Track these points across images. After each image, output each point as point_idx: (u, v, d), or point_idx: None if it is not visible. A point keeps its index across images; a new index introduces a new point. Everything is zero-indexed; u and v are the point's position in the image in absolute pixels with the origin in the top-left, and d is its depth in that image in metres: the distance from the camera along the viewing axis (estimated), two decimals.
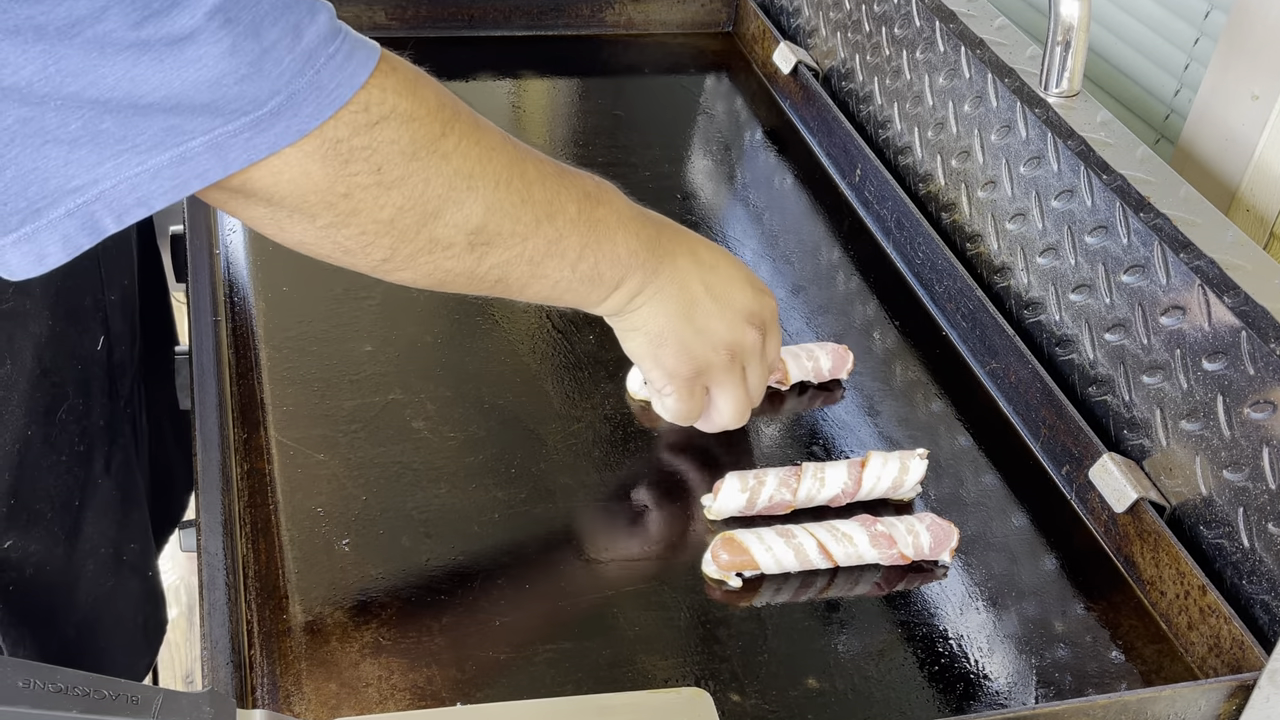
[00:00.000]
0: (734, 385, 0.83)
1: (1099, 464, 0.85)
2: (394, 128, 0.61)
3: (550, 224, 0.71)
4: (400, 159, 0.62)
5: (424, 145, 0.63)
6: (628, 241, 0.75)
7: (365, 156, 0.61)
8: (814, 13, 1.34)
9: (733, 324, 0.80)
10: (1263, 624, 0.76)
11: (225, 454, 0.81)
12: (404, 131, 0.62)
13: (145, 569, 1.00)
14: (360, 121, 0.60)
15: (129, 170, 0.54)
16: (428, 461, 0.84)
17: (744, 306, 0.81)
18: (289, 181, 0.59)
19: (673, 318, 0.79)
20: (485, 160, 0.67)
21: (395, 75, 0.62)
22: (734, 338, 0.81)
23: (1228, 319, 0.79)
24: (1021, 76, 1.02)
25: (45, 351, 0.83)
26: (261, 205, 0.61)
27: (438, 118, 0.64)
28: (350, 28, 0.61)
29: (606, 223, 0.74)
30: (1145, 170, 0.91)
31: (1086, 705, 0.69)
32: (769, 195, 1.18)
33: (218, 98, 0.54)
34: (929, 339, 1.02)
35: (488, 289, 0.72)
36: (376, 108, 0.60)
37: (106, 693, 0.53)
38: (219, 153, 0.56)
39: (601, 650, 0.74)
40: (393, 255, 0.66)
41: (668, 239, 0.78)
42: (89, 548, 0.91)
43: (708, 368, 0.81)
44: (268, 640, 0.72)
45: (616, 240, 0.75)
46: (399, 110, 0.61)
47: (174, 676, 1.78)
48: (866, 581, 0.80)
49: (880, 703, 0.72)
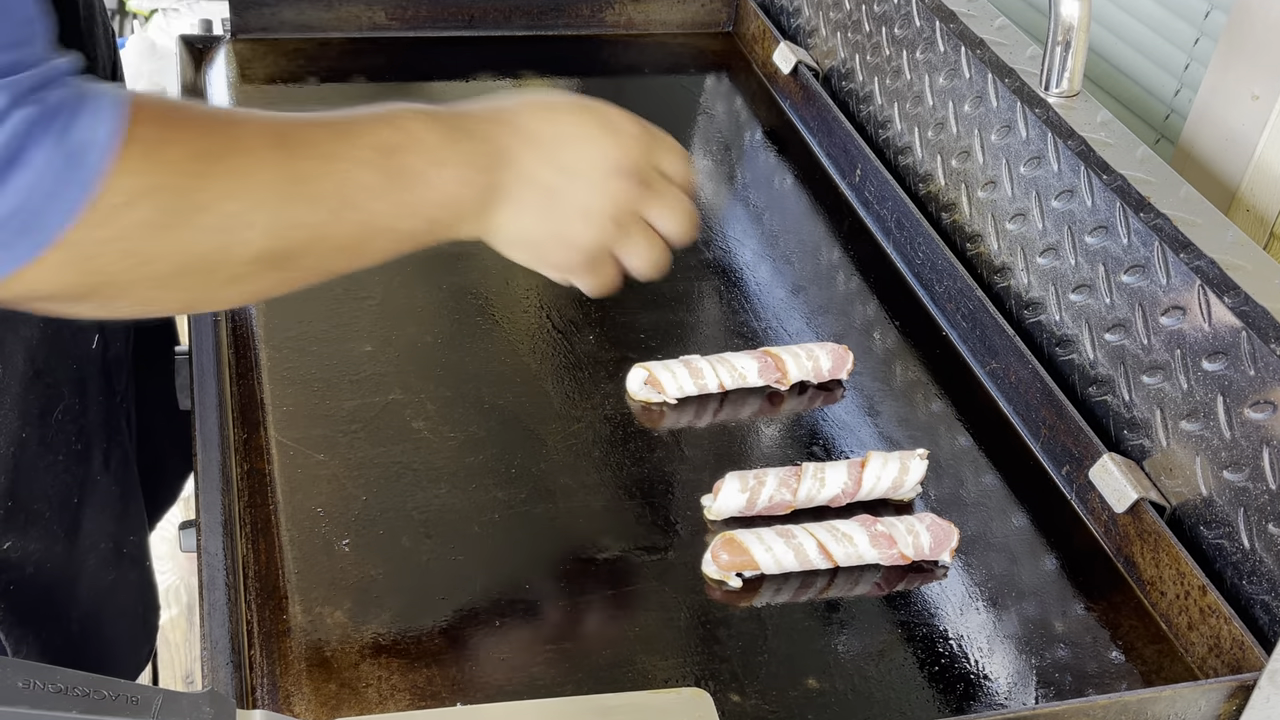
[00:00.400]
0: (634, 245, 0.76)
1: (1099, 464, 0.85)
2: (138, 209, 0.57)
3: (350, 210, 0.65)
4: (153, 234, 0.58)
5: (176, 212, 0.59)
6: (449, 176, 0.69)
7: (113, 245, 0.57)
8: (814, 13, 1.34)
9: (604, 191, 0.73)
10: (1263, 624, 0.76)
11: (225, 454, 0.81)
12: (151, 207, 0.58)
13: (143, 559, 1.00)
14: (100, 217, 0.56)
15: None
16: (428, 461, 0.84)
17: (607, 164, 0.73)
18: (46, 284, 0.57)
19: (539, 219, 0.72)
20: (253, 189, 0.62)
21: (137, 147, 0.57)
22: (610, 204, 0.73)
23: (1228, 319, 0.79)
24: (1022, 76, 1.02)
25: (38, 353, 0.83)
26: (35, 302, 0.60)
27: (187, 173, 0.59)
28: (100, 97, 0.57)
29: (416, 169, 0.67)
30: (1145, 170, 0.91)
31: (1087, 705, 0.69)
32: (769, 195, 1.18)
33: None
34: (929, 339, 1.02)
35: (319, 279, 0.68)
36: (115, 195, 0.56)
37: (106, 693, 0.53)
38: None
39: (601, 650, 0.74)
40: (194, 302, 0.65)
41: (496, 141, 0.71)
42: (89, 543, 0.91)
43: (599, 246, 0.75)
44: (268, 640, 0.72)
45: (433, 182, 0.68)
46: (140, 188, 0.57)
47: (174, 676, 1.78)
48: (866, 582, 0.80)
49: (880, 703, 0.72)
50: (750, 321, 1.01)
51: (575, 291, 0.77)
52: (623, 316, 0.98)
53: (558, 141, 0.72)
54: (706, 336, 0.99)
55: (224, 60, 1.26)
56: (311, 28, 1.32)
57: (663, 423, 0.89)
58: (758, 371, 0.93)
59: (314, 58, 1.29)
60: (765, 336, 1.00)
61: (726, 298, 1.03)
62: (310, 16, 1.32)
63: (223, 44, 1.28)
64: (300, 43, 1.31)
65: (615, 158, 0.73)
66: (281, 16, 1.31)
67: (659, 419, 0.90)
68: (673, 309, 1.01)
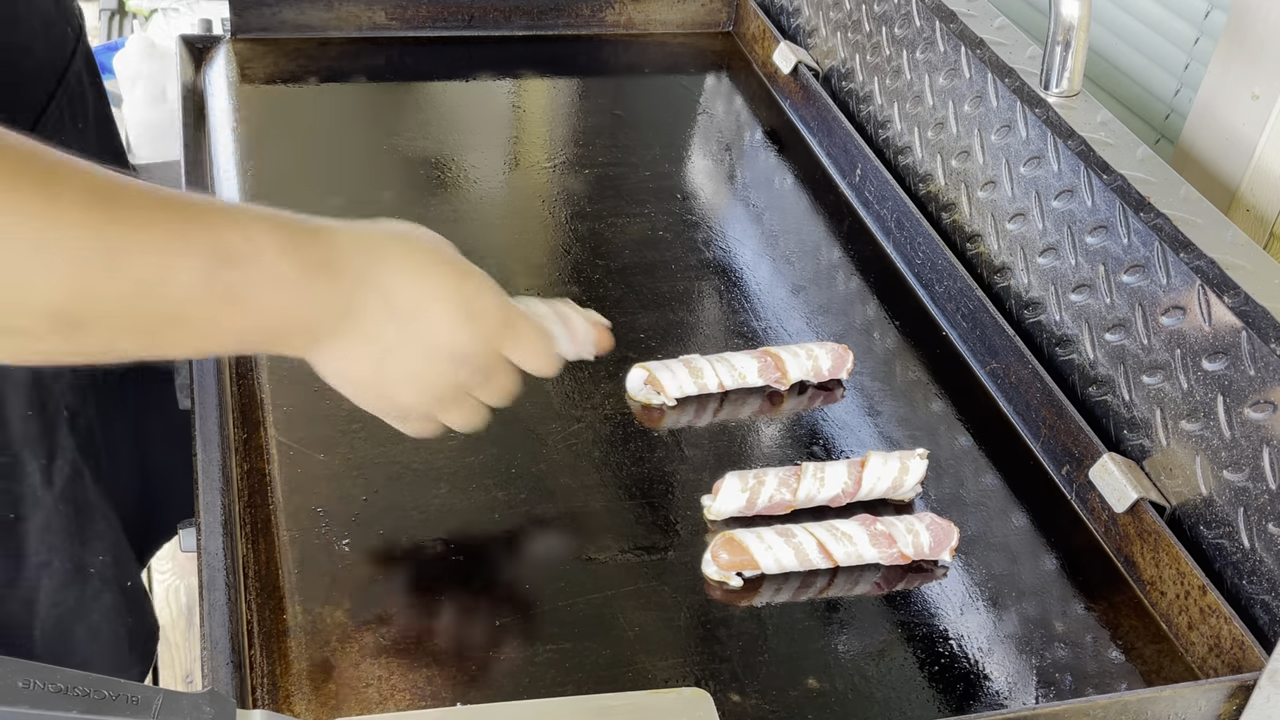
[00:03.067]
0: (454, 415, 0.75)
1: (1099, 464, 0.85)
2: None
3: (161, 299, 0.60)
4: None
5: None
6: (283, 305, 0.65)
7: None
8: (814, 12, 1.34)
9: (440, 372, 0.71)
10: (1263, 624, 0.76)
11: (225, 454, 0.81)
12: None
13: (122, 579, 0.97)
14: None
15: None
16: (428, 461, 0.84)
17: (453, 351, 0.71)
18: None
19: (363, 370, 0.70)
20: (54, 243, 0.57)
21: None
22: (442, 384, 0.72)
23: (1228, 319, 0.79)
24: (1021, 76, 1.02)
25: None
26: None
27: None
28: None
29: (243, 290, 0.63)
30: (1145, 170, 0.91)
31: (1087, 705, 0.69)
32: (769, 195, 1.18)
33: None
34: (929, 339, 1.02)
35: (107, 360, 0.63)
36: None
37: (106, 693, 0.53)
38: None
39: (601, 650, 0.74)
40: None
41: (349, 288, 0.67)
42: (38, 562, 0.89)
43: (420, 412, 0.74)
44: (268, 640, 0.72)
45: (265, 307, 0.64)
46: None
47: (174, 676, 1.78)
48: (866, 581, 0.80)
49: (880, 703, 0.72)
50: (750, 321, 1.01)
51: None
52: (623, 316, 0.98)
53: (411, 308, 0.69)
54: (706, 336, 0.99)
55: (224, 60, 1.26)
56: (311, 28, 1.32)
57: (663, 423, 0.89)
58: (758, 371, 0.93)
59: (314, 58, 1.29)
60: (765, 336, 1.00)
61: (726, 298, 1.03)
62: (310, 16, 1.32)
63: (222, 44, 1.28)
64: (300, 42, 1.31)
65: (460, 344, 0.71)
66: (281, 16, 1.31)
67: (659, 419, 0.90)
68: (673, 309, 1.01)
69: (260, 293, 0.64)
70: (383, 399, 0.73)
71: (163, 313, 0.61)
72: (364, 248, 0.68)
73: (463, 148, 1.19)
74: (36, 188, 0.56)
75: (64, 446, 0.92)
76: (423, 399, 0.72)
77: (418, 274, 0.70)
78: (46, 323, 0.58)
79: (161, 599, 1.84)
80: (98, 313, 0.59)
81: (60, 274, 0.57)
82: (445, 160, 1.17)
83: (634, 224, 1.11)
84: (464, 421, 0.76)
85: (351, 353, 0.69)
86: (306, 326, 0.67)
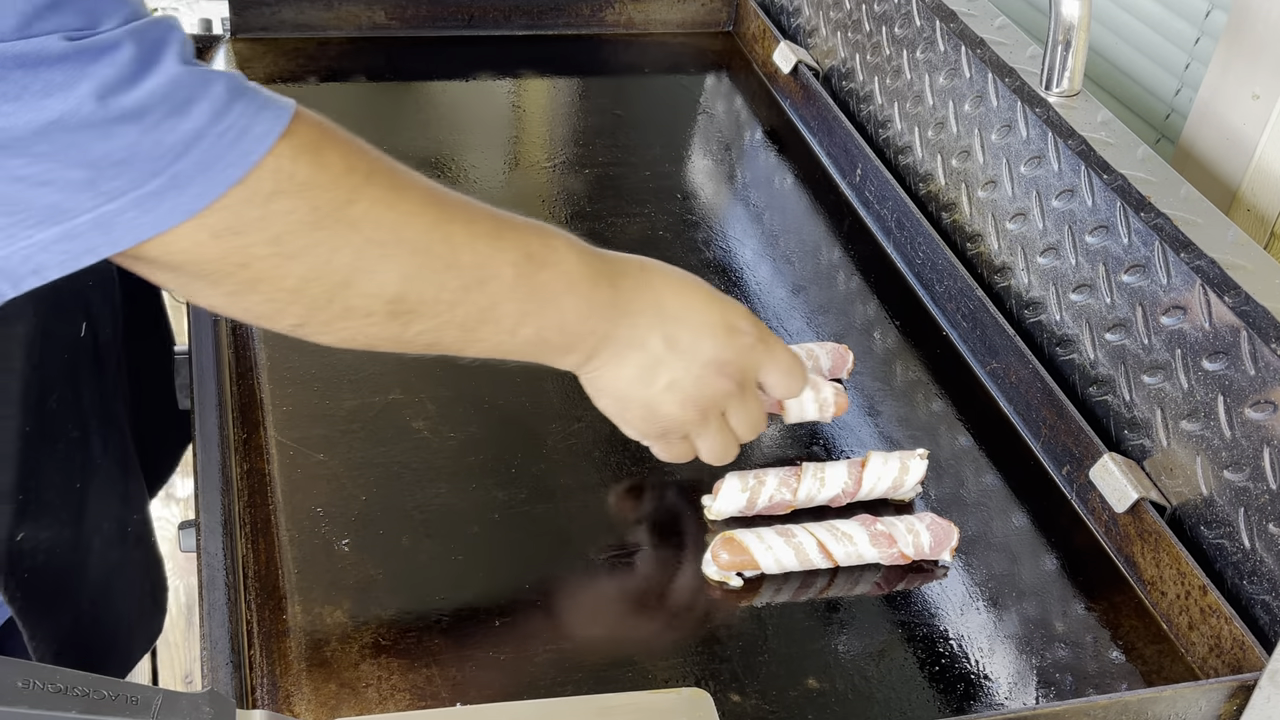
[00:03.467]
0: (710, 436, 0.79)
1: (1100, 464, 0.85)
2: (291, 198, 0.59)
3: (481, 290, 0.67)
4: (300, 229, 0.60)
5: (327, 214, 0.61)
6: (576, 307, 0.71)
7: (261, 228, 0.59)
8: (814, 12, 1.34)
9: (700, 379, 0.75)
10: (1263, 624, 0.76)
11: (225, 454, 0.81)
12: (303, 201, 0.60)
13: (148, 536, 1.01)
14: (254, 195, 0.58)
15: (18, 244, 0.55)
16: (428, 461, 0.84)
17: (714, 358, 0.75)
18: (181, 251, 0.59)
19: (633, 380, 0.75)
20: (402, 226, 0.64)
21: (297, 140, 0.59)
22: (702, 393, 0.76)
23: (1228, 319, 0.79)
24: (1022, 76, 1.02)
25: (34, 349, 0.83)
26: (163, 271, 0.61)
27: (344, 184, 0.61)
28: (261, 91, 0.59)
29: (550, 287, 0.70)
30: (1146, 170, 0.91)
31: (1087, 705, 0.69)
32: (769, 195, 1.18)
33: (94, 178, 0.55)
34: (929, 339, 1.02)
35: (421, 350, 0.69)
36: (271, 179, 0.58)
37: (106, 693, 0.53)
38: (105, 230, 0.56)
39: (601, 650, 0.73)
40: (307, 321, 0.65)
41: (628, 295, 0.73)
42: (94, 526, 0.92)
43: (678, 426, 0.77)
44: (267, 640, 0.72)
45: (563, 305, 0.71)
46: (297, 179, 0.59)
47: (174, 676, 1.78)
48: (867, 581, 0.80)
49: (880, 703, 0.72)
50: None
51: None
52: None
53: (678, 319, 0.75)
54: None
55: (224, 60, 1.26)
56: (311, 27, 1.32)
57: None
58: None
59: (314, 57, 1.29)
60: None
61: None
62: (310, 16, 1.32)
63: (222, 43, 1.28)
64: (300, 42, 1.31)
65: (723, 356, 0.76)
66: (281, 16, 1.31)
67: None
68: None
69: (561, 293, 0.70)
70: (648, 409, 0.76)
71: (481, 307, 0.67)
72: (637, 264, 0.76)
73: (463, 147, 1.19)
74: (388, 181, 0.63)
75: (117, 414, 0.95)
76: (685, 411, 0.76)
77: (683, 290, 0.76)
78: (384, 307, 0.64)
79: None
80: (428, 300, 0.66)
81: (402, 261, 0.64)
82: (445, 160, 1.17)
83: (634, 224, 1.11)
84: (718, 448, 0.79)
85: (625, 360, 0.74)
86: (594, 329, 0.72)
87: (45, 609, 0.87)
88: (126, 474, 0.96)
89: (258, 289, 0.62)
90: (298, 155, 0.59)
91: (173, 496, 1.97)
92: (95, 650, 0.93)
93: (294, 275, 0.61)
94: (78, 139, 0.54)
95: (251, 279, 0.61)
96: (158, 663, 1.80)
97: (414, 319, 0.66)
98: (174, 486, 1.97)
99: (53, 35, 0.53)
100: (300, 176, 0.59)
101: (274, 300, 0.63)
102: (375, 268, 0.63)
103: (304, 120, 0.60)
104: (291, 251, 0.60)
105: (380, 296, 0.64)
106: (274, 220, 0.59)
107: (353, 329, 0.66)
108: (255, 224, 0.59)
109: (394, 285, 0.64)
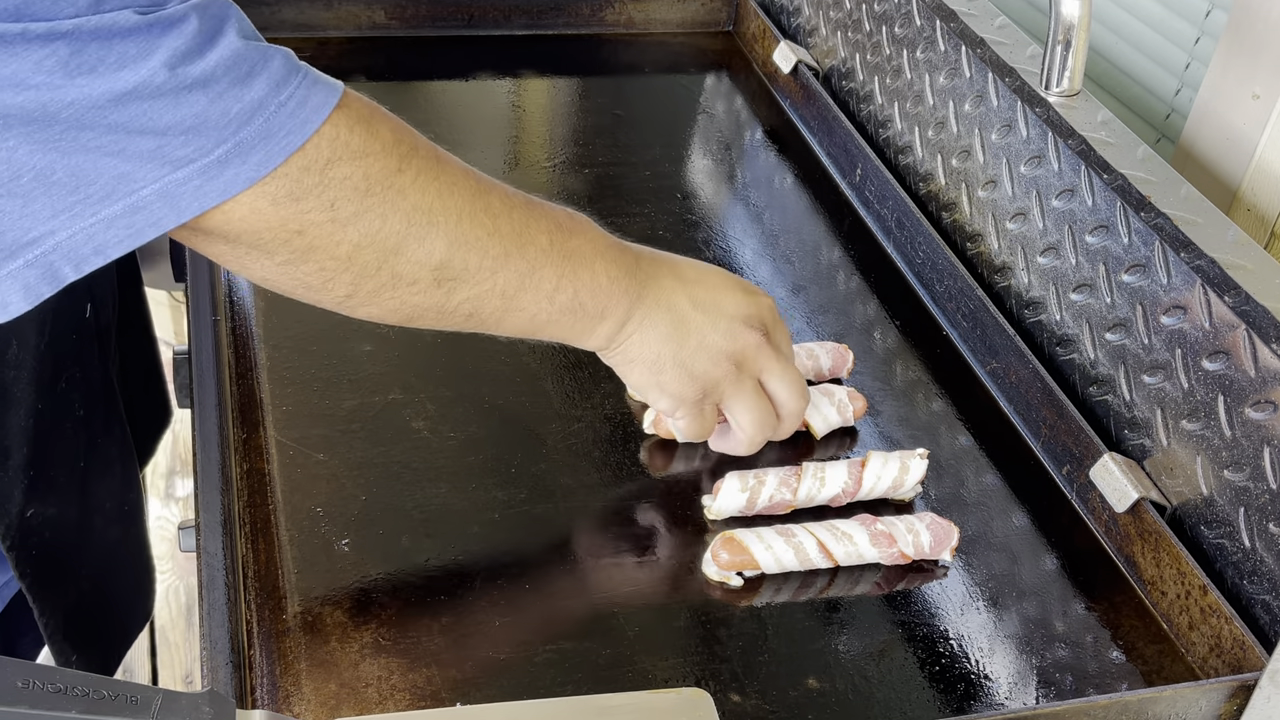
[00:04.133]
0: (746, 396, 0.81)
1: (1100, 464, 0.85)
2: (347, 165, 0.62)
3: (521, 256, 0.70)
4: (354, 196, 0.63)
5: (379, 181, 0.63)
6: (607, 269, 0.74)
7: (318, 194, 0.61)
8: (814, 12, 1.34)
9: (729, 331, 0.78)
10: (1264, 624, 0.76)
11: (225, 454, 0.81)
12: (357, 168, 0.62)
13: (140, 514, 1.02)
14: (312, 162, 0.61)
15: (84, 221, 0.56)
16: (428, 461, 0.84)
17: (737, 311, 0.79)
18: (240, 220, 0.60)
19: (665, 340, 0.77)
20: (446, 194, 0.67)
21: (350, 112, 0.62)
22: (733, 345, 0.79)
23: (1229, 318, 0.79)
24: (1022, 76, 1.02)
25: (46, 328, 0.84)
26: (220, 242, 0.63)
27: (394, 153, 0.64)
28: (311, 68, 0.62)
29: (582, 252, 0.73)
30: (1146, 169, 0.91)
31: (1087, 705, 0.69)
32: (769, 195, 1.18)
33: (162, 146, 0.56)
34: (929, 339, 1.02)
35: (460, 323, 0.72)
36: (329, 147, 0.61)
37: (105, 693, 0.53)
38: (170, 201, 0.57)
39: (601, 650, 0.73)
40: (355, 291, 0.67)
41: (648, 263, 0.78)
42: (95, 504, 0.93)
43: (714, 384, 0.79)
44: (267, 640, 0.72)
45: (595, 269, 0.74)
46: (352, 147, 0.62)
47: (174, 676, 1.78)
48: (867, 581, 0.80)
49: (880, 703, 0.72)
50: None
51: None
52: None
53: (698, 281, 0.79)
54: None
55: None
56: (311, 27, 1.32)
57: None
58: None
59: (313, 57, 1.29)
60: None
61: None
62: (310, 16, 1.32)
63: None
64: (300, 42, 1.31)
65: (746, 310, 0.80)
66: (281, 16, 1.31)
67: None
68: None
69: (592, 257, 0.74)
70: (682, 369, 0.78)
71: (521, 272, 0.70)
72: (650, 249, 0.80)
73: (463, 147, 1.19)
74: (431, 153, 0.67)
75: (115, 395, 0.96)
76: (719, 365, 0.79)
77: (694, 262, 0.81)
78: (430, 274, 0.67)
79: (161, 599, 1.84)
80: (472, 267, 0.68)
81: (448, 228, 0.67)
82: None
83: (634, 224, 1.11)
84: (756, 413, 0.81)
85: (655, 323, 0.77)
86: (626, 290, 0.75)
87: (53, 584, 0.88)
88: (123, 454, 0.98)
89: (311, 257, 0.64)
90: (353, 125, 0.62)
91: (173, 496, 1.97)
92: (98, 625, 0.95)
93: (347, 242, 0.64)
94: (150, 108, 0.55)
95: (306, 247, 0.63)
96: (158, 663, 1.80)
97: (458, 286, 0.69)
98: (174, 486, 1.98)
99: (125, 10, 0.54)
100: (355, 145, 0.62)
101: (325, 269, 0.65)
102: (423, 234, 0.66)
103: (353, 95, 0.63)
104: (345, 217, 0.63)
105: (427, 264, 0.67)
106: (330, 186, 0.62)
107: (399, 298, 0.68)
108: (313, 190, 0.61)
109: (440, 251, 0.67)
